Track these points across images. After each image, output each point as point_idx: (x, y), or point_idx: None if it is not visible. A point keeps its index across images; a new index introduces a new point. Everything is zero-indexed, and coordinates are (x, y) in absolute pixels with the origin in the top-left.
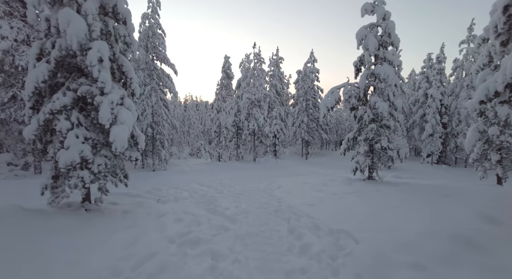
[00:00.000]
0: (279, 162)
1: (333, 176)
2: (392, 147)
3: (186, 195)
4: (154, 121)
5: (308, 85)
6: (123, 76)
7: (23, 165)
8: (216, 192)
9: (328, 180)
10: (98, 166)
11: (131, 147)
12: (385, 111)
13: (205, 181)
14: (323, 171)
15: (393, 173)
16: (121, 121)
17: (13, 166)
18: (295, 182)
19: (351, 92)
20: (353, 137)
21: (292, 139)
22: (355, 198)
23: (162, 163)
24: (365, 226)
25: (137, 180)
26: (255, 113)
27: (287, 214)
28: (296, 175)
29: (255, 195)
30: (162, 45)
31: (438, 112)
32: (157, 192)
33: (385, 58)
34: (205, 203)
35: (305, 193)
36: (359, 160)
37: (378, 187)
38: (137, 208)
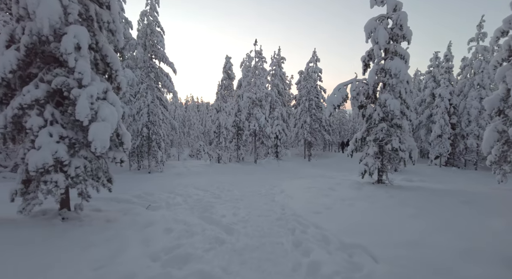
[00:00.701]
0: (281, 164)
1: (338, 179)
2: (404, 148)
3: (179, 200)
4: (150, 121)
5: (311, 85)
6: (108, 68)
7: (13, 166)
8: (213, 197)
9: (334, 183)
10: (75, 168)
11: (115, 147)
12: (397, 109)
13: (202, 185)
14: (327, 173)
15: (401, 176)
16: (102, 118)
17: (2, 167)
18: (299, 186)
19: (359, 89)
20: (362, 137)
21: (294, 140)
22: (367, 205)
23: (159, 165)
24: (382, 240)
25: (130, 183)
26: (256, 113)
27: (291, 224)
28: (300, 178)
29: (255, 201)
30: (160, 43)
31: (446, 112)
32: (148, 197)
33: (396, 52)
34: (200, 210)
35: (311, 198)
36: (368, 162)
37: (390, 192)
38: (123, 216)
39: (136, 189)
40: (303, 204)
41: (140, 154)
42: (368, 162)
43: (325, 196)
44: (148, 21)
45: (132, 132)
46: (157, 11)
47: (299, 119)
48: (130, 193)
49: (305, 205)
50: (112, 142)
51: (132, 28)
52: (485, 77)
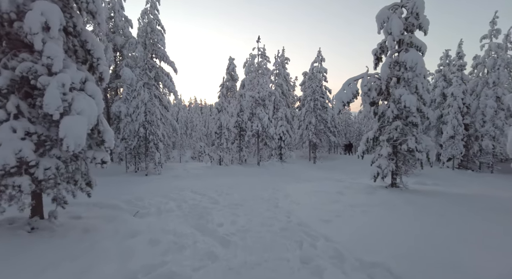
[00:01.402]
0: (285, 166)
1: (347, 182)
2: (420, 149)
3: (173, 206)
4: (147, 120)
5: (316, 84)
6: (88, 56)
7: None
8: (210, 202)
9: (343, 187)
10: (45, 170)
11: (96, 145)
12: (413, 106)
13: (200, 188)
14: (334, 176)
15: (414, 179)
16: (77, 111)
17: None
18: (305, 190)
19: (370, 84)
20: (374, 137)
21: (298, 142)
22: (383, 212)
23: (157, 167)
24: (410, 258)
25: (123, 186)
26: (259, 112)
27: (298, 235)
28: (305, 181)
29: (257, 207)
30: (161, 42)
31: (460, 112)
32: (138, 202)
33: (411, 43)
34: (194, 217)
35: (319, 204)
36: (381, 164)
37: (407, 197)
38: (105, 224)
39: (128, 193)
40: (310, 211)
41: (137, 156)
42: (381, 164)
43: (335, 201)
44: (148, 19)
45: (129, 132)
46: (157, 9)
47: (304, 120)
48: (119, 197)
49: (312, 212)
50: (92, 140)
51: (132, 26)
52: (502, 75)
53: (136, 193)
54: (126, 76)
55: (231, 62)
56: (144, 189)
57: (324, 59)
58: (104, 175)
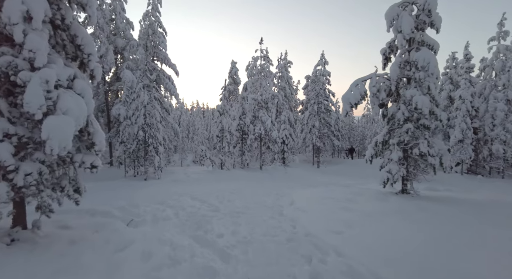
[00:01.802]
0: (288, 170)
1: (356, 188)
2: (433, 153)
3: (170, 213)
4: (146, 123)
5: (320, 87)
6: (79, 51)
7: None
8: (210, 210)
9: (353, 193)
10: (26, 176)
11: (85, 149)
12: (426, 107)
13: (199, 194)
14: (340, 181)
15: (424, 184)
16: (63, 110)
17: None
18: (311, 196)
19: (379, 85)
20: (383, 141)
21: (301, 146)
22: (400, 222)
23: (156, 171)
24: (437, 276)
25: (120, 191)
26: (262, 115)
27: (306, 247)
28: (310, 187)
29: (260, 215)
30: (162, 44)
31: (468, 116)
32: (133, 209)
33: (423, 41)
34: (193, 227)
35: (328, 213)
36: (392, 169)
37: (421, 204)
38: (94, 234)
39: (123, 199)
40: (318, 220)
41: (136, 159)
42: (391, 169)
43: (345, 209)
44: (149, 21)
45: (128, 136)
46: (159, 11)
47: (307, 124)
48: (114, 203)
49: (321, 222)
50: (82, 143)
51: (133, 29)
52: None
53: (132, 199)
54: (126, 78)
55: (234, 65)
56: (142, 194)
57: (328, 62)
58: (102, 180)
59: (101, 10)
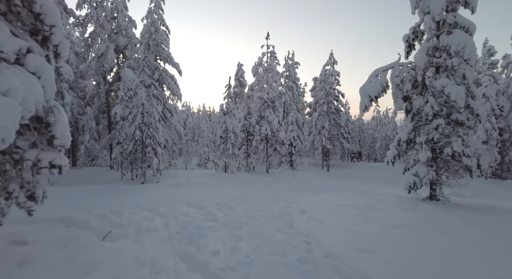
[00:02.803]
0: (296, 174)
1: (372, 193)
2: (469, 153)
3: (158, 223)
4: (143, 122)
5: (329, 86)
6: (38, 22)
7: None
8: (207, 219)
9: (372, 200)
10: None
11: (48, 144)
12: (461, 99)
13: (198, 199)
14: (353, 185)
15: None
16: (2, 90)
17: None
18: (325, 203)
19: (403, 75)
20: (407, 139)
21: (309, 149)
22: (441, 238)
23: (155, 174)
24: None
25: (111, 195)
26: (268, 115)
27: (324, 272)
28: (322, 192)
29: (266, 226)
30: (165, 42)
31: (493, 115)
32: (115, 217)
33: (456, 23)
34: (183, 241)
35: (348, 224)
36: (419, 172)
37: (460, 215)
38: (56, 252)
39: (109, 205)
40: (337, 233)
41: (134, 162)
42: (419, 172)
43: (367, 220)
44: (152, 19)
45: (125, 136)
46: (162, 8)
47: (315, 126)
48: (96, 210)
49: (341, 236)
50: (41, 136)
51: (136, 27)
52: None
53: (120, 205)
54: (126, 77)
55: (240, 67)
56: (132, 200)
57: (337, 61)
58: (97, 183)
59: (102, 7)
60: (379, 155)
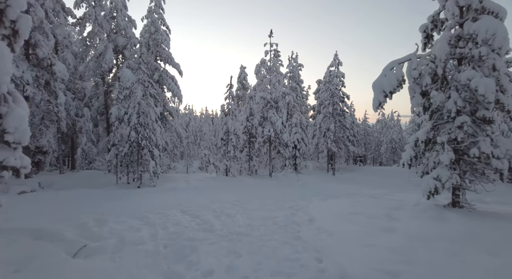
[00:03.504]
0: (301, 178)
1: (385, 199)
2: (499, 155)
3: (145, 235)
4: (139, 122)
5: (334, 87)
6: None
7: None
8: (202, 229)
9: (388, 207)
10: None
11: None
12: (491, 93)
13: (194, 206)
14: (361, 190)
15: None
16: None
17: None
18: (335, 210)
19: (421, 68)
20: (426, 139)
21: (313, 152)
22: (488, 260)
23: (152, 177)
24: None
25: (100, 201)
26: (272, 116)
27: None
28: (330, 197)
29: (269, 238)
30: (165, 42)
31: None
32: (96, 227)
33: (484, 8)
34: (170, 257)
35: (364, 235)
36: (441, 176)
37: (496, 225)
38: (8, 275)
39: (93, 212)
40: (353, 248)
41: (130, 164)
42: (440, 175)
43: (387, 231)
44: (152, 18)
45: (120, 137)
46: (162, 8)
47: (320, 128)
48: (77, 219)
49: (358, 252)
50: None
51: (136, 27)
52: None
53: (106, 212)
54: (125, 77)
55: (243, 70)
56: (122, 206)
57: (341, 62)
58: (90, 187)
59: (100, 6)
60: (384, 159)
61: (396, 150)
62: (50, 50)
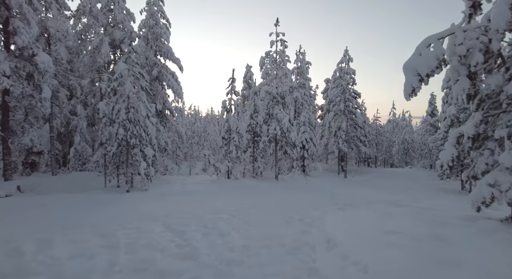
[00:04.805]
0: (310, 180)
1: (412, 207)
2: None
3: (98, 264)
4: (128, 119)
5: (346, 82)
6: None
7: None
8: (181, 255)
9: (431, 222)
10: None
11: None
12: None
13: (181, 217)
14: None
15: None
16: None
17: None
18: (361, 225)
19: (469, 43)
20: (474, 135)
21: (322, 153)
22: None
23: (143, 180)
24: None
25: (76, 208)
26: (278, 112)
27: None
28: (349, 206)
29: (272, 271)
30: (165, 36)
31: None
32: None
33: None
34: None
35: (416, 274)
36: (500, 181)
37: None
38: None
39: (50, 226)
40: None
41: (121, 165)
42: (500, 181)
43: (448, 265)
44: (151, 11)
45: (108, 136)
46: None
47: (329, 127)
48: (16, 237)
49: None
50: None
51: (134, 21)
52: None
53: (69, 224)
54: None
55: (249, 69)
56: (94, 216)
57: (352, 59)
58: (75, 191)
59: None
60: (396, 160)
61: (408, 151)
62: (32, 39)
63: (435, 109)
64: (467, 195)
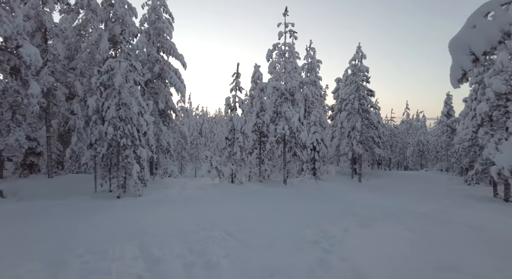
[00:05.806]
0: (321, 185)
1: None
2: None
3: None
4: (118, 116)
5: (360, 79)
6: None
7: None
8: None
9: (494, 250)
10: None
11: None
12: None
13: (166, 235)
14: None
15: None
16: None
17: None
18: (399, 253)
19: None
20: None
21: (333, 155)
22: None
23: (137, 185)
24: None
25: (43, 220)
26: (286, 110)
27: None
28: (373, 220)
29: None
30: (167, 31)
31: None
32: None
33: None
34: None
35: None
36: None
37: None
38: None
39: None
40: None
41: (113, 168)
42: None
43: None
44: (153, 5)
45: (99, 135)
46: None
47: (341, 128)
48: None
49: None
50: None
51: (136, 16)
52: None
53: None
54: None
55: (257, 69)
56: (57, 232)
57: (365, 56)
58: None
59: None
60: (410, 163)
61: (423, 153)
62: (16, 29)
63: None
64: (504, 204)
